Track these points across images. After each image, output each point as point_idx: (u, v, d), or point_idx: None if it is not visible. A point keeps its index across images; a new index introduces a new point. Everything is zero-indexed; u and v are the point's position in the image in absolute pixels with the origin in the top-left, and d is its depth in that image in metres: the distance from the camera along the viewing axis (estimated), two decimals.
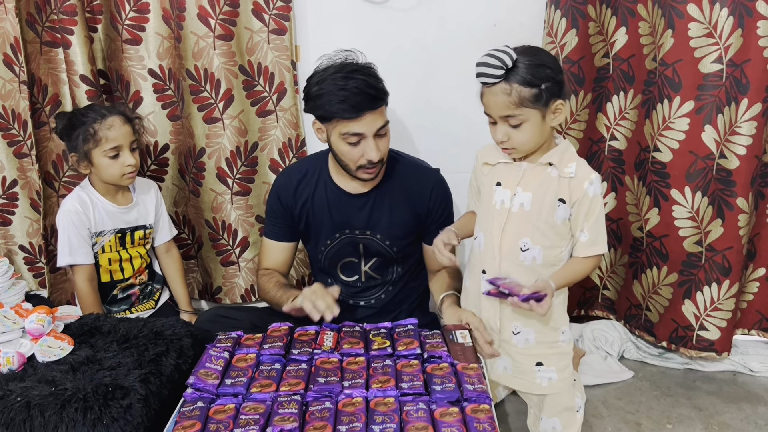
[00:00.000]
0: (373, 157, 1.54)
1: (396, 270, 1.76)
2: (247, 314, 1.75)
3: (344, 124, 1.51)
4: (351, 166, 1.58)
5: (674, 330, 1.98)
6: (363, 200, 1.67)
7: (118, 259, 1.93)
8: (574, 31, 1.84)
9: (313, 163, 1.75)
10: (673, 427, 1.74)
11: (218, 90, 2.00)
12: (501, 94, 1.33)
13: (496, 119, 1.37)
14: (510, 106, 1.33)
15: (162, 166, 2.18)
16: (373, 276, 1.76)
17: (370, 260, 1.74)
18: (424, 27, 1.98)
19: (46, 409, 1.23)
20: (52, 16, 1.99)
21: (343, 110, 1.49)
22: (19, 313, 1.53)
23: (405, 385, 1.30)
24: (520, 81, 1.32)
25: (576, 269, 1.45)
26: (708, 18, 1.67)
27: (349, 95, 1.48)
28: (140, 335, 1.51)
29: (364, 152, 1.54)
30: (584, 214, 1.40)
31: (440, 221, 1.71)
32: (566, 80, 1.88)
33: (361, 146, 1.54)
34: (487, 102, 1.37)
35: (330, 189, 1.69)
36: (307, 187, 1.71)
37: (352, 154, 1.55)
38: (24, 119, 2.06)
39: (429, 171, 1.75)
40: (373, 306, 1.79)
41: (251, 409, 1.22)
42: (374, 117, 1.52)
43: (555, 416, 1.53)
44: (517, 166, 1.44)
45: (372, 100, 1.50)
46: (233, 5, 1.93)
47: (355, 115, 1.49)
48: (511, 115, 1.34)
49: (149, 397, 1.31)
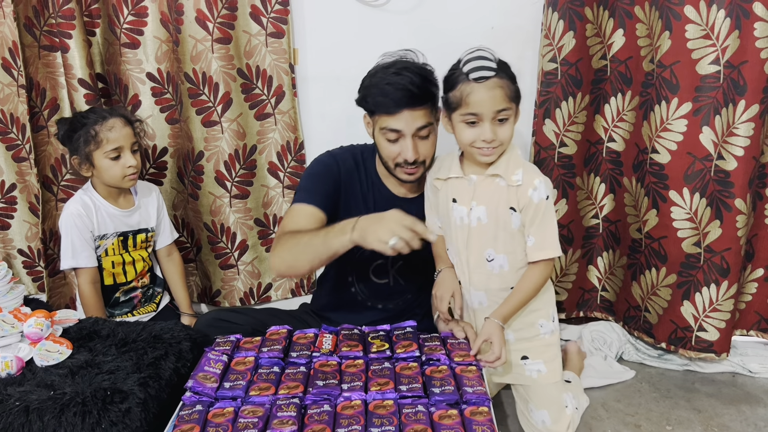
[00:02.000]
0: (408, 156, 1.53)
1: (422, 277, 1.72)
2: (246, 318, 1.74)
3: (384, 119, 1.52)
4: (389, 163, 1.58)
5: (673, 331, 1.98)
6: (408, 205, 1.60)
7: (121, 262, 1.93)
8: (571, 33, 1.85)
9: (361, 156, 1.70)
10: (672, 429, 1.74)
11: (216, 93, 2.00)
12: (497, 88, 1.37)
13: (485, 117, 1.38)
14: (505, 100, 1.37)
15: (160, 169, 2.18)
16: (400, 282, 1.76)
17: (397, 263, 1.73)
18: (422, 30, 1.98)
19: (45, 414, 1.22)
20: (50, 20, 1.99)
21: (382, 104, 1.51)
22: (18, 317, 1.53)
23: (404, 387, 1.30)
24: (508, 77, 1.39)
25: (524, 288, 1.49)
26: (705, 20, 1.68)
27: (391, 90, 1.49)
28: (139, 339, 1.51)
29: (402, 150, 1.54)
30: (530, 219, 1.45)
31: None
32: (564, 82, 1.90)
33: (399, 144, 1.54)
34: (479, 99, 1.37)
35: (377, 188, 1.68)
36: (356, 179, 1.68)
37: (390, 150, 1.55)
38: (22, 123, 2.06)
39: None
40: (391, 311, 1.77)
41: (250, 413, 1.22)
42: (414, 116, 1.50)
43: (543, 408, 1.57)
44: (467, 181, 1.48)
45: (412, 98, 1.49)
46: (231, 8, 1.93)
47: (393, 111, 1.50)
48: (504, 108, 1.38)
49: (148, 400, 1.31)
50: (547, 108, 1.93)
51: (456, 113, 1.42)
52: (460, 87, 1.39)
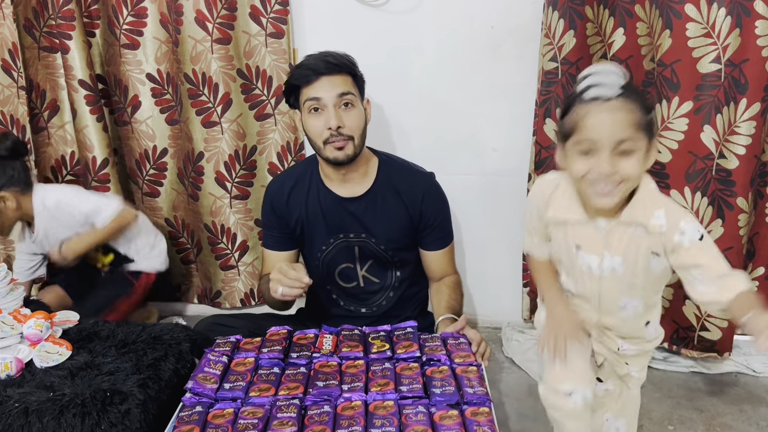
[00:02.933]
0: (332, 124, 1.53)
1: (395, 274, 1.74)
2: (245, 322, 1.73)
3: (305, 92, 1.56)
4: (318, 142, 1.58)
5: (675, 331, 1.97)
6: (356, 204, 1.66)
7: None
8: (571, 32, 1.84)
9: (304, 168, 1.73)
10: (674, 429, 1.73)
11: (216, 94, 2.00)
12: (621, 111, 1.09)
13: (602, 146, 1.10)
14: (630, 126, 1.09)
15: (160, 170, 2.18)
16: (372, 280, 1.75)
17: (365, 263, 1.72)
18: (421, 29, 1.97)
19: (44, 415, 1.22)
20: (50, 21, 1.99)
21: (302, 76, 1.55)
22: (18, 319, 1.53)
23: (404, 388, 1.29)
24: (637, 100, 1.10)
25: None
26: (706, 18, 1.67)
27: (310, 61, 1.56)
28: (138, 340, 1.51)
29: (325, 120, 1.54)
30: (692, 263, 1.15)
31: (435, 225, 1.69)
32: (564, 82, 1.89)
33: (322, 117, 1.55)
34: (597, 123, 1.10)
35: (323, 194, 1.68)
36: (300, 194, 1.69)
37: (316, 126, 1.56)
38: (22, 124, 2.06)
39: (421, 174, 1.71)
40: (374, 314, 1.76)
41: (250, 414, 1.22)
42: (332, 82, 1.54)
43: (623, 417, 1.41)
44: (594, 227, 1.21)
45: (328, 65, 1.54)
46: (231, 9, 1.93)
47: (312, 78, 1.54)
48: (628, 138, 1.09)
49: (147, 402, 1.31)
50: (548, 107, 1.92)
51: (570, 141, 1.14)
52: (574, 109, 1.13)
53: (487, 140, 2.08)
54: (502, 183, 2.10)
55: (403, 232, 1.69)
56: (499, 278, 2.21)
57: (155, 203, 2.23)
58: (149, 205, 2.23)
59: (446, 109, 2.05)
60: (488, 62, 1.99)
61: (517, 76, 1.98)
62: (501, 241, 2.15)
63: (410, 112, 2.07)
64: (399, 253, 1.71)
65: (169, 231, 2.26)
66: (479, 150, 2.08)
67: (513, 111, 2.02)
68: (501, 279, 2.21)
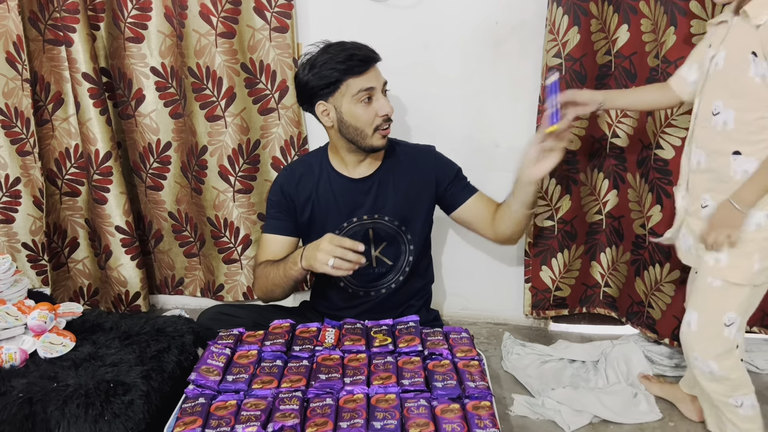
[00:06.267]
0: (387, 110, 1.58)
1: (407, 258, 1.76)
2: (249, 312, 1.74)
3: (355, 83, 1.56)
4: (368, 131, 1.59)
5: (676, 327, 1.97)
6: (368, 184, 1.69)
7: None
8: (576, 28, 1.84)
9: (314, 158, 1.77)
10: (674, 426, 1.73)
11: (220, 88, 2.00)
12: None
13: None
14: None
15: (164, 164, 2.19)
16: (385, 261, 1.76)
17: (380, 245, 1.74)
18: (425, 24, 1.97)
19: (48, 405, 1.23)
20: (54, 14, 2.00)
21: (351, 67, 1.55)
22: (22, 310, 1.54)
23: (406, 381, 1.30)
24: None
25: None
26: (710, 15, 1.67)
27: (354, 51, 1.56)
28: (142, 332, 1.52)
29: (378, 109, 1.58)
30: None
31: (453, 178, 1.76)
32: (568, 78, 1.89)
33: (373, 104, 1.58)
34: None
35: (333, 178, 1.71)
36: (310, 180, 1.72)
37: (367, 114, 1.58)
38: (27, 117, 2.07)
39: (425, 147, 1.82)
40: (382, 296, 1.78)
41: (252, 406, 1.23)
42: (377, 72, 1.60)
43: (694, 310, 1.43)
44: (726, 23, 1.30)
45: (373, 54, 1.58)
46: (235, 3, 1.93)
47: (364, 68, 1.56)
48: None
49: (151, 393, 1.32)
50: None
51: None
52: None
53: (490, 136, 2.08)
54: (505, 178, 2.09)
55: (414, 206, 1.73)
56: (501, 274, 2.22)
57: (158, 197, 2.23)
58: (152, 199, 2.24)
59: (449, 105, 2.05)
60: (492, 58, 1.99)
61: (521, 72, 1.98)
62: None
63: (413, 108, 2.07)
64: (412, 227, 1.73)
65: (172, 224, 2.26)
66: (482, 146, 2.08)
67: (516, 107, 2.02)
68: (503, 275, 2.22)
